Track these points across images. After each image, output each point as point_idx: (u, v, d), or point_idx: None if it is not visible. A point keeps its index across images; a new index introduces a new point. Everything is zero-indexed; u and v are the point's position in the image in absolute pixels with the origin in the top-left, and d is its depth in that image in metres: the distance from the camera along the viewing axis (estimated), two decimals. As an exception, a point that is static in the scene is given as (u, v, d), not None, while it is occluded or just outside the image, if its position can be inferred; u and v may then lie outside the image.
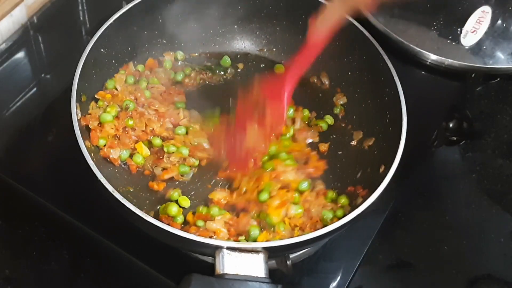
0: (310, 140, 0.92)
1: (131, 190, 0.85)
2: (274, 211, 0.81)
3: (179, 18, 0.97)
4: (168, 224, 0.73)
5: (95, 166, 0.74)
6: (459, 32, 1.04)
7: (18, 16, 1.03)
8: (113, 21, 0.88)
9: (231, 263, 0.68)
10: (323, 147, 0.92)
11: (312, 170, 0.88)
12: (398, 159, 0.78)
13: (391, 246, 0.90)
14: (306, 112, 0.95)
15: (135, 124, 0.87)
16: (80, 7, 1.09)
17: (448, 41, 1.04)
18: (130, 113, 0.87)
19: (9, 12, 1.01)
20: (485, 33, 1.04)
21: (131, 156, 0.87)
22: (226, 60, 1.00)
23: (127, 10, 0.89)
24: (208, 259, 0.80)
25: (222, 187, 0.87)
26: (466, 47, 1.04)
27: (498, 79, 1.07)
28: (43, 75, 1.02)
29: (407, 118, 0.82)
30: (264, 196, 0.82)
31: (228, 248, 0.69)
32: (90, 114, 0.86)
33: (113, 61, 0.92)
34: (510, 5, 1.04)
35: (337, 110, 0.95)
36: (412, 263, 0.88)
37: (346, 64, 0.94)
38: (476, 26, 1.04)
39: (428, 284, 0.87)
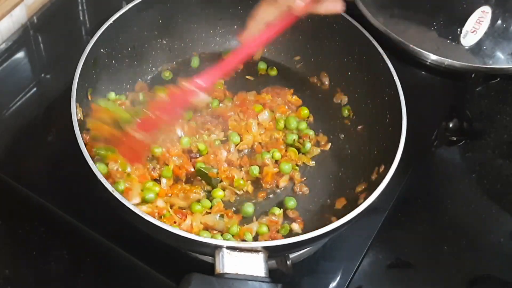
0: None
1: None
2: None
3: (179, 18, 0.97)
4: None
5: (95, 166, 0.74)
6: (459, 32, 1.04)
7: (18, 16, 1.03)
8: (113, 21, 0.88)
9: (231, 263, 0.68)
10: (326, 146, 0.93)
11: None
12: (398, 159, 0.78)
13: (391, 246, 0.90)
14: (306, 111, 0.95)
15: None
16: (80, 7, 1.09)
17: (448, 41, 1.04)
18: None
19: (9, 12, 1.01)
20: (485, 33, 1.04)
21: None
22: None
23: (127, 10, 0.89)
24: (208, 258, 0.81)
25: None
26: (466, 47, 1.04)
27: (498, 79, 1.07)
28: (43, 75, 1.02)
29: (407, 118, 0.82)
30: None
31: (228, 248, 0.69)
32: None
33: (113, 61, 0.92)
34: (510, 5, 1.04)
35: (345, 113, 0.95)
36: (412, 263, 0.88)
37: (346, 64, 0.94)
38: (476, 26, 1.03)
39: (428, 284, 0.87)
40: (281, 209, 0.85)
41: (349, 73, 0.95)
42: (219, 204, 0.84)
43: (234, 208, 0.86)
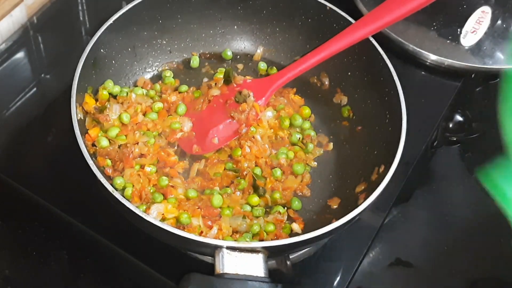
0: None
1: None
2: None
3: (179, 18, 0.97)
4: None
5: (95, 166, 0.74)
6: (459, 32, 1.04)
7: (18, 16, 1.03)
8: (113, 21, 0.88)
9: (230, 263, 0.68)
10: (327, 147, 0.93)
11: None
12: (398, 159, 0.78)
13: (391, 246, 0.90)
14: (308, 110, 0.95)
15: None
16: (80, 7, 1.09)
17: (448, 41, 1.04)
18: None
19: (9, 12, 1.01)
20: (485, 33, 1.04)
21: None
22: (228, 53, 1.00)
23: (127, 10, 0.90)
24: (208, 259, 0.81)
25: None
26: (466, 47, 1.04)
27: (498, 79, 1.07)
28: (43, 75, 1.02)
29: (407, 118, 0.82)
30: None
31: (228, 248, 0.69)
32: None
33: (113, 61, 0.92)
34: (510, 5, 1.04)
35: (345, 113, 0.95)
36: (412, 263, 0.88)
37: (346, 64, 0.94)
38: (476, 26, 1.04)
39: (428, 284, 0.87)
40: (285, 208, 0.85)
41: (349, 73, 0.95)
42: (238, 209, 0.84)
43: (243, 210, 0.85)
